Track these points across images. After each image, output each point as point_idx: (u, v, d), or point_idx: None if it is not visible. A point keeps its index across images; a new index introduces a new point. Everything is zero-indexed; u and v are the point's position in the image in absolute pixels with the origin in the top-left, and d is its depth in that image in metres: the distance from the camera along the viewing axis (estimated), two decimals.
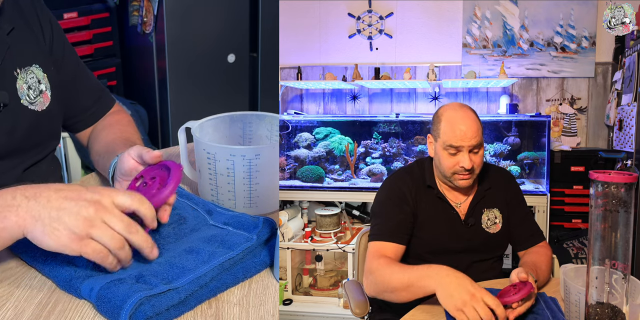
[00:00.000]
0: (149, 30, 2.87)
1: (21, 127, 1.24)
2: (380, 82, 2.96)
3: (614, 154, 2.65)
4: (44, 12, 1.35)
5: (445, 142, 1.37)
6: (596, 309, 0.94)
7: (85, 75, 1.46)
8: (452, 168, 1.38)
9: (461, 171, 1.37)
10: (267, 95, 3.20)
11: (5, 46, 1.22)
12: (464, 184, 1.39)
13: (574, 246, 2.68)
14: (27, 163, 1.31)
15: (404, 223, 1.39)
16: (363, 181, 2.79)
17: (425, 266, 1.14)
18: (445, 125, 1.38)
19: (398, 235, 1.36)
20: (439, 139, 1.39)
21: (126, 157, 1.13)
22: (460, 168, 1.37)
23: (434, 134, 1.42)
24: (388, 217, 1.40)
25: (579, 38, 2.97)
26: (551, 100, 3.04)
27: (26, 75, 1.25)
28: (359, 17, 3.14)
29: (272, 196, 1.24)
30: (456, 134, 1.35)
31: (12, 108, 1.22)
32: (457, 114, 1.38)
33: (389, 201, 1.42)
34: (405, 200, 1.40)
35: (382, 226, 1.38)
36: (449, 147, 1.36)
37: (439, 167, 1.41)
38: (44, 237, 0.89)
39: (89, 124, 1.47)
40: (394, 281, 1.18)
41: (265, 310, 0.95)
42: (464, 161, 1.35)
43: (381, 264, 1.25)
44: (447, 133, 1.37)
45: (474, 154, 1.37)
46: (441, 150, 1.39)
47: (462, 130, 1.35)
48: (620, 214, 0.90)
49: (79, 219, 0.89)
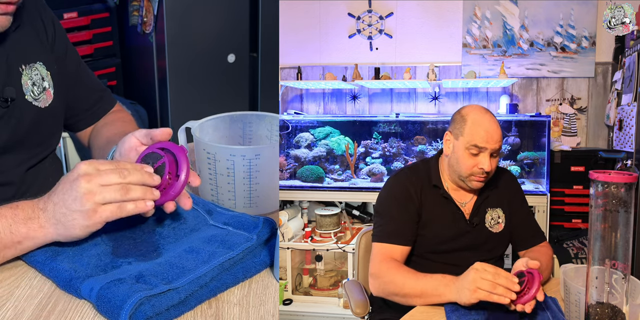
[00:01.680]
0: (149, 30, 2.87)
1: (25, 122, 1.26)
2: (380, 82, 2.96)
3: (614, 154, 2.65)
4: (46, 11, 1.36)
5: (470, 142, 1.37)
6: (596, 309, 0.94)
7: (87, 75, 1.47)
8: (470, 169, 1.38)
9: (479, 173, 1.38)
10: (267, 95, 3.19)
11: (11, 42, 1.23)
12: (478, 185, 1.40)
13: (574, 246, 2.68)
14: (32, 161, 1.32)
15: (410, 224, 1.38)
16: (363, 181, 2.79)
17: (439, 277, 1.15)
18: (472, 125, 1.38)
19: (403, 237, 1.36)
20: (462, 138, 1.39)
21: (129, 137, 1.13)
22: (479, 170, 1.37)
23: (454, 133, 1.41)
24: (393, 217, 1.39)
25: (579, 38, 2.97)
26: (551, 100, 3.04)
27: (31, 72, 1.27)
28: (359, 17, 3.14)
29: (272, 196, 1.24)
30: (482, 134, 1.36)
31: (17, 103, 1.24)
32: (484, 117, 1.40)
33: (394, 200, 1.42)
34: (410, 200, 1.40)
35: (387, 227, 1.38)
36: (473, 147, 1.37)
37: (455, 166, 1.41)
38: (69, 232, 0.98)
39: (90, 123, 1.48)
40: (407, 288, 1.19)
41: (265, 310, 0.95)
42: (485, 163, 1.36)
43: (391, 269, 1.26)
44: (473, 133, 1.37)
45: (493, 158, 1.39)
46: (462, 150, 1.39)
47: (489, 132, 1.37)
48: (620, 214, 0.90)
49: (80, 197, 0.95)
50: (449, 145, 1.43)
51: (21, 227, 0.97)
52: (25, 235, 0.98)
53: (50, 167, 1.40)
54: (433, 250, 1.41)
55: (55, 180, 1.42)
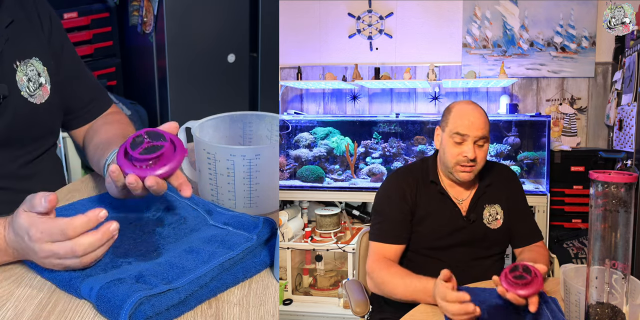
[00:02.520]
0: (149, 30, 2.87)
1: (20, 118, 1.25)
2: (380, 82, 2.96)
3: (614, 154, 2.65)
4: (44, 6, 1.35)
5: (452, 130, 1.39)
6: (596, 309, 0.93)
7: (84, 73, 1.46)
8: (455, 157, 1.40)
9: (464, 161, 1.39)
10: (267, 95, 3.19)
11: (4, 39, 1.22)
12: (465, 176, 1.41)
13: (574, 246, 2.68)
14: (27, 157, 1.31)
15: (404, 223, 1.41)
16: (363, 181, 2.79)
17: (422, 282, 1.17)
18: (454, 115, 1.42)
19: (397, 236, 1.40)
20: (447, 128, 1.42)
21: None
22: (464, 158, 1.38)
23: (442, 126, 1.45)
24: (387, 216, 1.43)
25: (579, 38, 2.97)
26: (551, 100, 3.04)
27: (26, 68, 1.25)
28: (359, 17, 3.14)
29: (272, 196, 1.24)
30: (464, 122, 1.39)
31: (11, 100, 1.23)
32: (467, 106, 1.43)
33: (389, 200, 1.45)
34: (404, 199, 1.42)
35: (382, 226, 1.42)
36: (456, 134, 1.39)
37: (443, 158, 1.43)
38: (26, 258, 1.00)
39: (85, 122, 1.47)
40: (398, 294, 1.25)
41: (265, 310, 0.95)
42: (468, 151, 1.38)
43: (382, 270, 1.31)
44: (455, 122, 1.40)
45: (479, 147, 1.40)
46: (447, 139, 1.41)
47: (470, 120, 1.39)
48: (620, 214, 0.90)
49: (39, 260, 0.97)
50: (438, 139, 1.46)
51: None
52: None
53: (48, 163, 1.39)
54: (429, 246, 1.42)
55: (57, 180, 1.43)
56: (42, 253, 0.94)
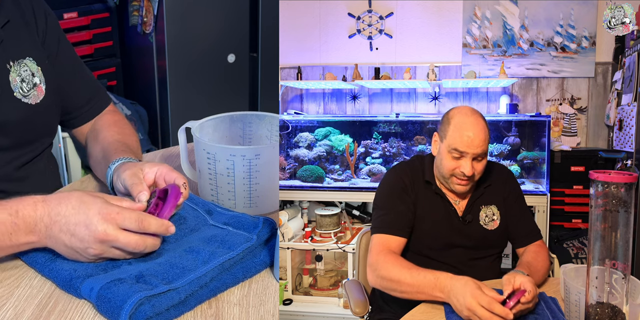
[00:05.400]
0: (149, 30, 2.87)
1: (14, 119, 1.24)
2: (380, 82, 2.96)
3: (614, 154, 2.65)
4: (40, 5, 1.34)
5: (451, 146, 1.37)
6: (596, 309, 0.94)
7: (82, 72, 1.45)
8: (451, 170, 1.38)
9: (460, 176, 1.38)
10: (267, 95, 3.20)
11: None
12: (461, 189, 1.40)
13: (574, 246, 2.68)
14: (22, 159, 1.30)
15: (406, 214, 1.39)
16: (363, 181, 2.79)
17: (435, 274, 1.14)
18: (453, 128, 1.38)
19: (400, 228, 1.37)
20: (445, 141, 1.39)
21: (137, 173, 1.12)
22: (460, 172, 1.37)
23: (440, 134, 1.42)
24: (390, 208, 1.40)
25: (579, 38, 2.97)
26: (551, 100, 3.04)
27: (19, 68, 1.24)
28: (359, 17, 3.14)
29: (272, 196, 1.24)
30: (463, 139, 1.36)
31: (4, 101, 1.22)
32: (467, 119, 1.38)
33: (391, 192, 1.43)
34: (406, 191, 1.41)
35: (384, 218, 1.39)
36: (454, 150, 1.37)
37: (439, 167, 1.42)
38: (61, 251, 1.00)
39: (85, 121, 1.46)
40: (404, 286, 1.19)
41: (265, 310, 0.95)
42: (465, 167, 1.36)
43: (388, 262, 1.26)
44: (454, 137, 1.37)
45: (477, 162, 1.38)
46: (445, 152, 1.39)
47: (469, 136, 1.35)
48: (620, 214, 0.90)
49: (85, 255, 0.98)
50: (436, 146, 1.44)
51: (21, 237, 0.98)
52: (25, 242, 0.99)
53: (46, 166, 1.38)
54: (428, 246, 1.41)
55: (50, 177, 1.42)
56: (96, 233, 0.95)
